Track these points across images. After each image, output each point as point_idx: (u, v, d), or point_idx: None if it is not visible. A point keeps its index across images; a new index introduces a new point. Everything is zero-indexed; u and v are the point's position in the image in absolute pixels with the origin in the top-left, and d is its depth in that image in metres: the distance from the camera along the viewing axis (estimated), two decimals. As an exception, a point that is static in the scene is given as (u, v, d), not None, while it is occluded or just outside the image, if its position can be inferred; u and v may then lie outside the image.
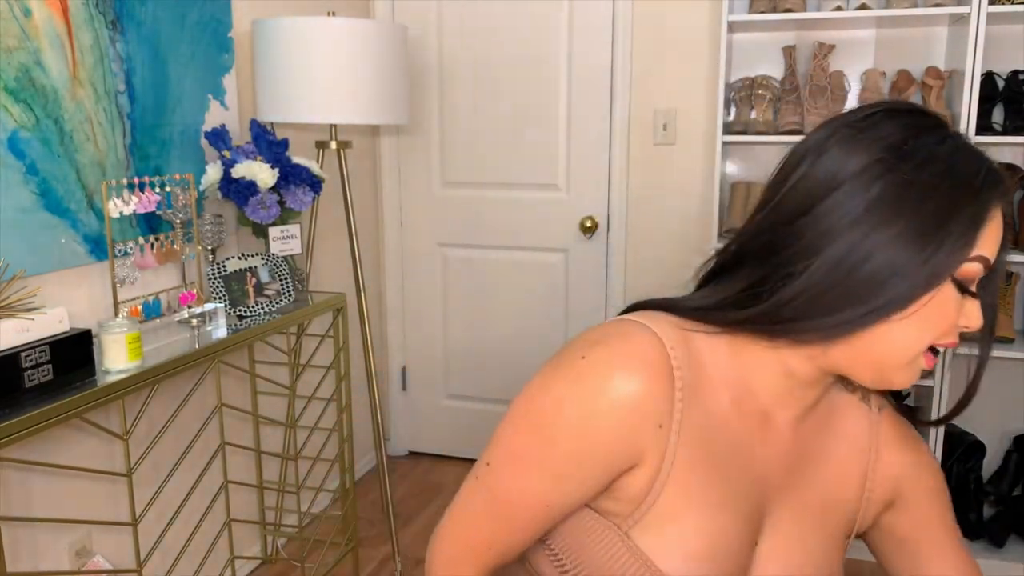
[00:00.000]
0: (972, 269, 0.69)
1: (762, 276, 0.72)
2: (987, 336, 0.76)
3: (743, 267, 0.75)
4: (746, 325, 0.74)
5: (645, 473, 0.73)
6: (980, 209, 0.67)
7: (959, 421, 2.53)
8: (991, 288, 0.74)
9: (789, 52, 2.49)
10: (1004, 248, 0.72)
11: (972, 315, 0.71)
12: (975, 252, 0.68)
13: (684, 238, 2.75)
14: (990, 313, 0.74)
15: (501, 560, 0.81)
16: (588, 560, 0.76)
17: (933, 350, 0.72)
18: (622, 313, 0.81)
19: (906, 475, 0.86)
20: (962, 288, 0.69)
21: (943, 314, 0.69)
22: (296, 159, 2.09)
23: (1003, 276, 0.75)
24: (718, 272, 0.80)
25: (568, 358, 0.73)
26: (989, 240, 0.68)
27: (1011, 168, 2.37)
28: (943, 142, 0.69)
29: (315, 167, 2.14)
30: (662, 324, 0.75)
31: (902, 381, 0.73)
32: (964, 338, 0.75)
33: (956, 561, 0.86)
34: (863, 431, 0.86)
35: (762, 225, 0.74)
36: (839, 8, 2.31)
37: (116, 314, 1.74)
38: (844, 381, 0.86)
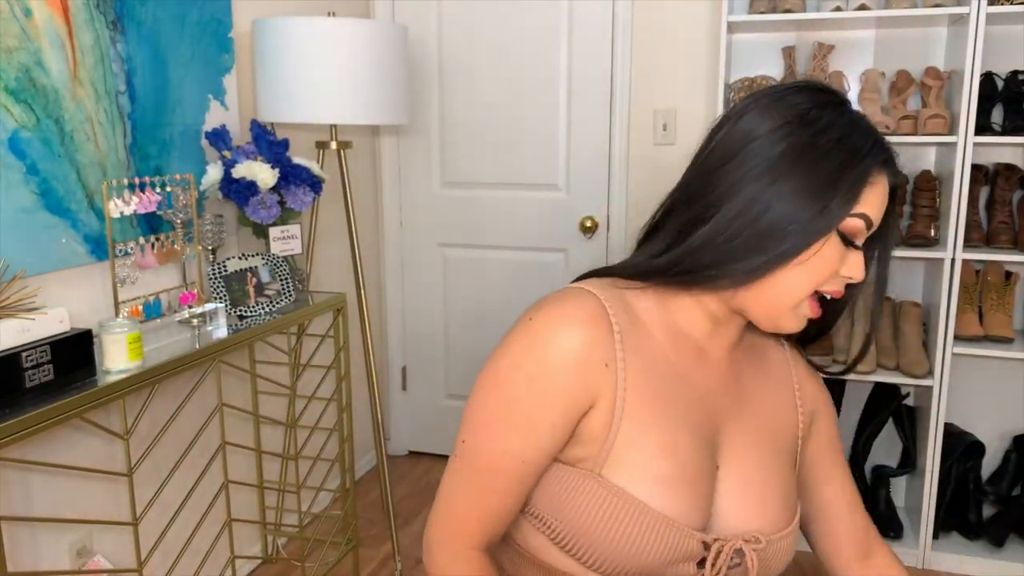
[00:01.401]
0: (855, 224, 0.79)
1: (682, 224, 0.84)
2: (878, 293, 0.89)
3: (670, 218, 0.87)
4: (666, 275, 0.84)
5: (602, 410, 0.81)
6: (863, 172, 0.78)
7: (959, 421, 2.53)
8: (883, 253, 0.87)
9: (789, 52, 2.49)
10: (890, 215, 0.84)
11: (855, 266, 0.81)
12: (858, 209, 0.79)
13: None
14: (882, 273, 0.88)
15: (493, 532, 0.85)
16: (570, 511, 0.81)
17: (819, 298, 0.83)
18: (574, 279, 0.92)
19: (818, 399, 0.99)
20: (846, 240, 0.80)
21: (827, 262, 0.79)
22: (296, 159, 2.09)
23: (895, 241, 0.88)
24: (652, 229, 0.91)
25: (518, 325, 0.84)
26: (871, 200, 0.80)
27: (1011, 168, 2.37)
28: (843, 116, 0.80)
29: (315, 167, 2.14)
30: (596, 285, 0.86)
31: (790, 325, 0.83)
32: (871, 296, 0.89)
33: (845, 479, 1.00)
34: (783, 364, 0.98)
35: (685, 178, 0.86)
36: (838, 8, 2.31)
37: (117, 314, 1.74)
38: None
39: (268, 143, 2.04)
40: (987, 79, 2.34)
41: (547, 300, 0.85)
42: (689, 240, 0.81)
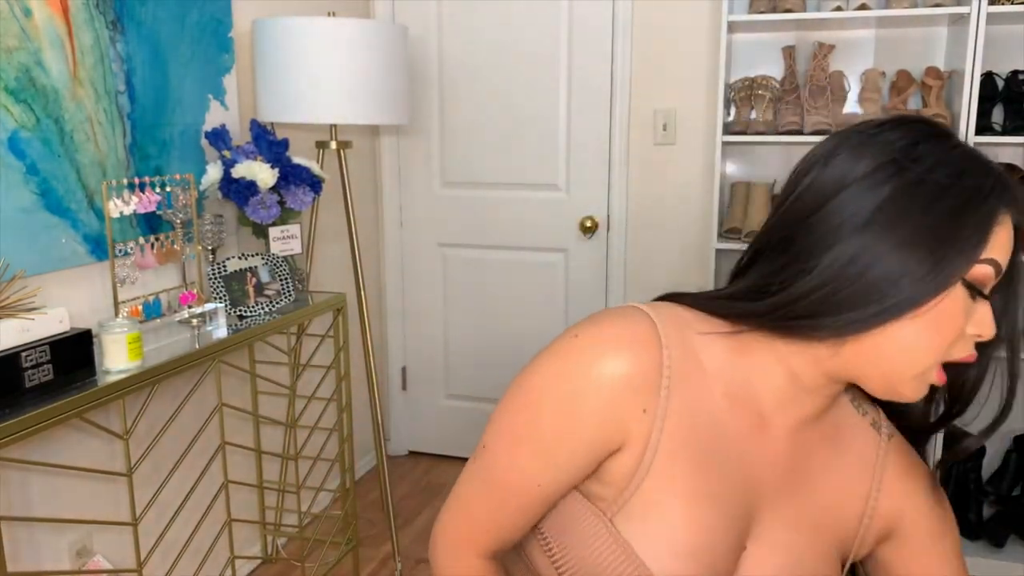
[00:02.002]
0: (983, 272, 0.68)
1: (774, 270, 0.73)
2: (1013, 344, 0.75)
3: (758, 263, 0.76)
4: (757, 319, 0.74)
5: (630, 456, 0.73)
6: (990, 211, 0.67)
7: (959, 421, 2.52)
8: (1011, 298, 0.74)
9: (789, 52, 2.49)
10: (1016, 256, 0.72)
11: (984, 322, 0.70)
12: (986, 255, 0.68)
13: (684, 238, 2.75)
14: (1014, 320, 0.74)
15: (500, 544, 0.82)
16: (573, 545, 0.77)
17: (946, 365, 0.72)
18: (653, 300, 0.83)
19: (909, 511, 0.84)
20: (973, 290, 0.69)
21: (953, 317, 0.69)
22: (296, 159, 2.09)
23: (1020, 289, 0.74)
24: (738, 272, 0.81)
25: (563, 337, 0.76)
26: (1000, 244, 0.68)
27: (1011, 168, 2.37)
28: (954, 148, 0.70)
29: (315, 167, 2.14)
30: (663, 314, 0.76)
31: (911, 392, 0.72)
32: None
33: None
34: (870, 454, 0.84)
35: (775, 224, 0.75)
36: (839, 8, 2.31)
37: (116, 314, 1.74)
38: (856, 403, 0.86)
39: (268, 143, 2.04)
40: (987, 79, 2.34)
41: (601, 318, 0.76)
42: (787, 291, 0.71)
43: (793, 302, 0.71)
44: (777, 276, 0.73)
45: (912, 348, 0.69)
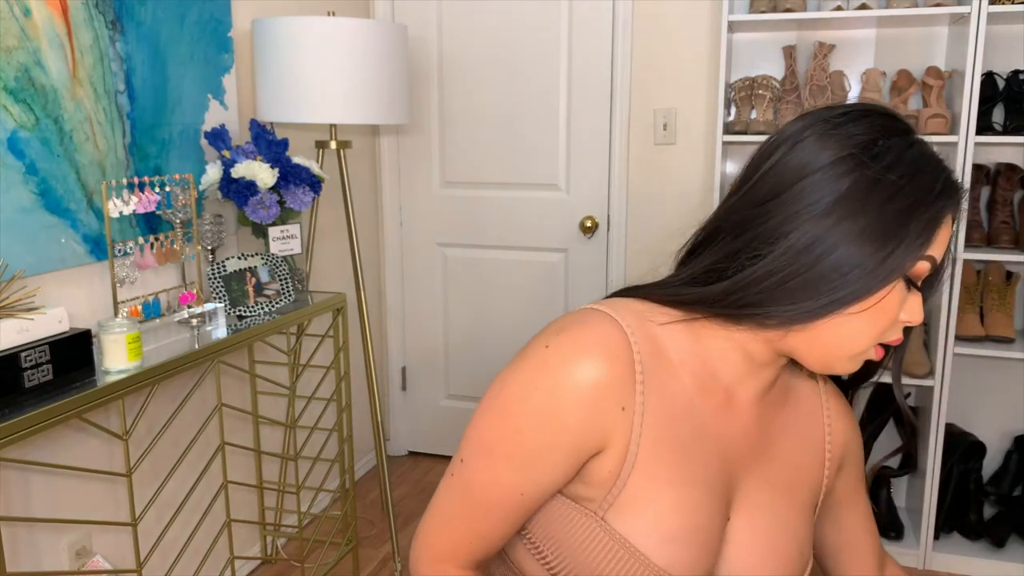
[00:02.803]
0: (922, 267, 0.73)
1: (727, 253, 0.76)
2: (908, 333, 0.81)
3: (712, 245, 0.79)
4: (709, 305, 0.77)
5: (613, 456, 0.75)
6: (937, 212, 0.72)
7: (960, 421, 2.53)
8: (934, 286, 0.81)
9: (789, 52, 2.49)
10: (948, 250, 0.78)
11: (914, 310, 0.75)
12: (928, 252, 0.72)
13: (684, 238, 2.73)
14: (927, 301, 0.80)
15: (483, 555, 0.82)
16: (568, 548, 0.78)
17: (883, 345, 0.77)
18: (607, 296, 0.85)
19: (849, 440, 0.93)
20: (909, 283, 0.74)
21: (890, 308, 0.73)
22: (296, 159, 2.09)
23: (943, 279, 0.82)
24: (692, 252, 0.83)
25: (533, 348, 0.76)
26: (940, 241, 0.73)
27: (1012, 168, 2.37)
28: (910, 147, 0.73)
29: (315, 167, 2.14)
30: (623, 311, 0.78)
31: (844, 370, 0.78)
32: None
33: (867, 511, 0.97)
34: (816, 403, 0.91)
35: (733, 206, 0.77)
36: (839, 8, 2.31)
37: (116, 314, 1.74)
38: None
39: (268, 143, 2.04)
40: (988, 79, 2.33)
41: (567, 325, 0.77)
42: (739, 275, 0.74)
43: (745, 287, 0.74)
44: (731, 260, 0.75)
45: (852, 335, 0.74)
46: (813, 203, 0.71)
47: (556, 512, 0.79)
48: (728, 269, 0.75)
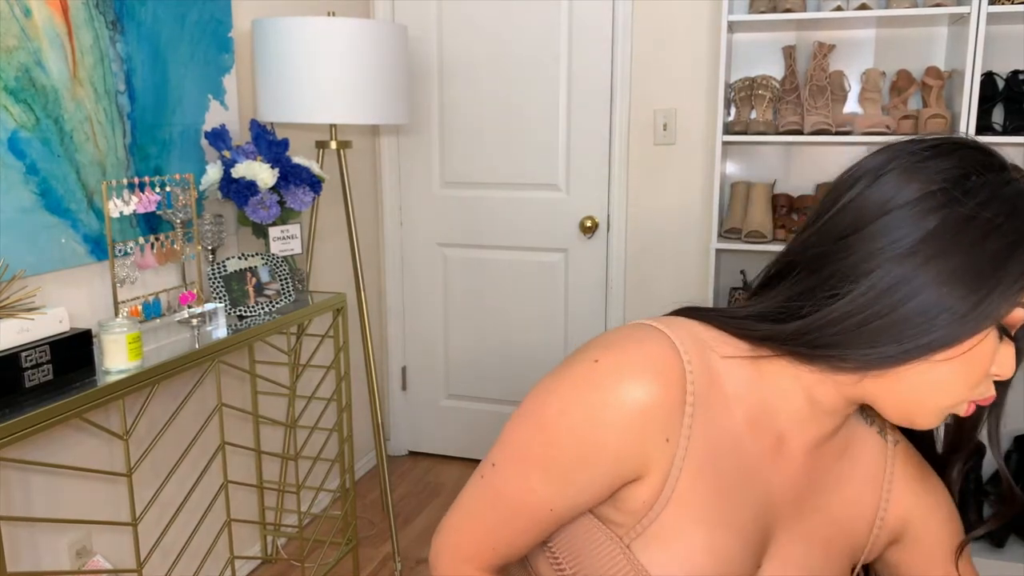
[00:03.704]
0: (1019, 315, 0.67)
1: (803, 289, 0.71)
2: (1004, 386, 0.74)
3: (787, 279, 0.73)
4: (781, 343, 0.72)
5: (649, 486, 0.72)
6: None
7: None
8: None
9: (789, 52, 2.49)
10: None
11: (1006, 362, 0.69)
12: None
13: (684, 238, 2.75)
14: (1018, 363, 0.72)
15: (505, 560, 0.81)
16: (587, 566, 0.75)
17: (972, 406, 0.71)
18: (666, 315, 0.80)
19: (918, 513, 0.84)
20: (1003, 332, 0.68)
21: (981, 359, 0.67)
22: (296, 159, 2.09)
23: None
24: (765, 284, 0.77)
25: (581, 359, 0.72)
26: None
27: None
28: (1008, 184, 0.67)
29: (315, 167, 2.14)
30: (682, 334, 0.73)
31: (927, 423, 0.72)
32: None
33: None
34: (878, 463, 0.84)
35: (810, 240, 0.72)
36: (839, 8, 2.31)
37: (116, 314, 1.74)
38: (863, 412, 0.86)
39: (268, 143, 2.04)
40: (988, 79, 2.33)
41: (619, 340, 0.72)
42: (816, 314, 0.68)
43: (821, 328, 0.68)
44: (807, 298, 0.70)
45: (937, 385, 0.68)
46: (897, 240, 0.65)
47: (582, 529, 0.76)
48: (804, 307, 0.70)
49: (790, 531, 0.79)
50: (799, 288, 0.71)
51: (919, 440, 0.90)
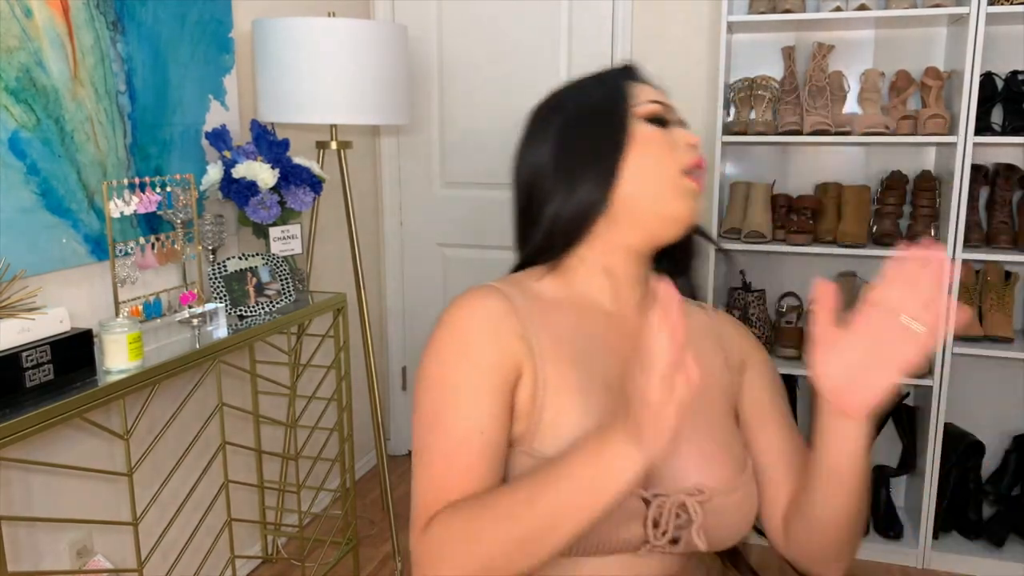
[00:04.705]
0: (649, 109, 0.90)
1: (532, 229, 0.97)
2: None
3: (522, 224, 1.01)
4: (546, 252, 0.94)
5: (527, 383, 0.85)
6: (616, 81, 0.94)
7: (959, 421, 2.53)
8: (677, 123, 0.94)
9: (788, 52, 2.49)
10: (668, 96, 0.94)
11: (681, 136, 0.90)
12: (638, 101, 0.90)
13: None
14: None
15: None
16: None
17: (689, 172, 0.89)
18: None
19: (744, 347, 1.01)
20: (656, 122, 0.90)
21: (658, 143, 0.88)
22: (297, 159, 2.09)
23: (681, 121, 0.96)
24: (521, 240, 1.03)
25: (434, 329, 0.90)
26: (644, 93, 0.91)
27: (1011, 168, 2.37)
28: (580, 81, 0.97)
29: (315, 167, 2.14)
30: (497, 280, 0.94)
31: (682, 207, 0.89)
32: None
33: (782, 426, 0.97)
34: (706, 324, 1.00)
35: (517, 184, 1.02)
36: (838, 8, 2.31)
37: (117, 314, 1.74)
38: (684, 304, 1.00)
39: (268, 143, 2.04)
40: (987, 79, 2.34)
41: (452, 300, 0.92)
42: (549, 217, 0.92)
43: (549, 228, 0.92)
44: (538, 226, 0.95)
45: (649, 175, 0.88)
46: (541, 166, 0.94)
47: (509, 464, 0.86)
48: (540, 232, 0.94)
49: None
50: (530, 232, 0.97)
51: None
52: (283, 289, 2.04)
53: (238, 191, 1.97)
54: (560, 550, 0.76)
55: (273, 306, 2.00)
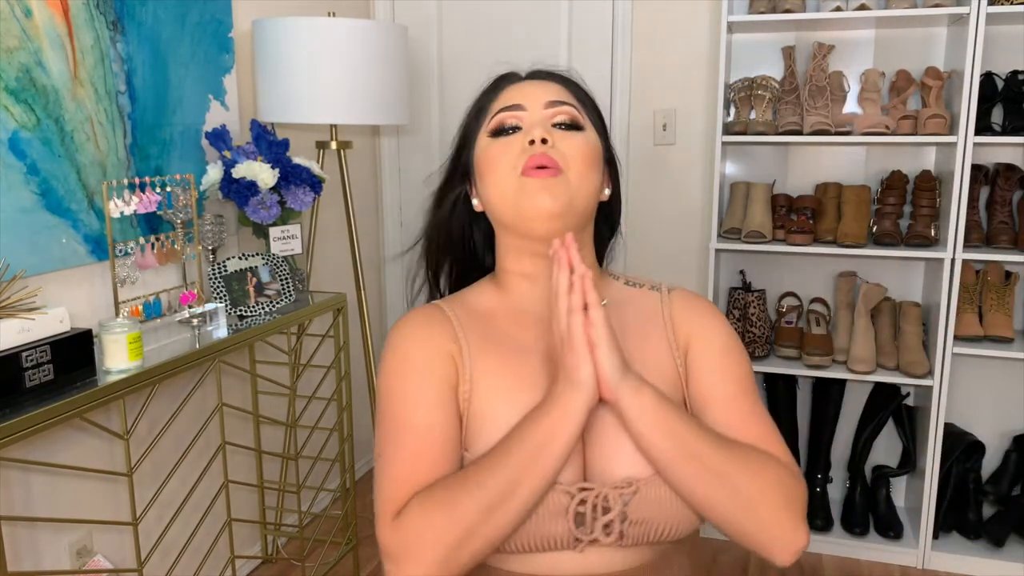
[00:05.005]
0: (495, 122, 1.02)
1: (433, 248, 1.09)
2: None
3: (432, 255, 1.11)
4: (432, 268, 1.08)
5: (463, 384, 0.92)
6: (495, 87, 1.11)
7: (959, 421, 2.53)
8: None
9: (788, 52, 2.49)
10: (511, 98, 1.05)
11: (518, 140, 0.96)
12: (492, 113, 1.03)
13: (684, 238, 2.75)
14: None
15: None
16: None
17: (530, 170, 0.92)
18: None
19: (690, 327, 0.98)
20: (501, 132, 1.00)
21: (495, 157, 0.96)
22: (296, 159, 2.09)
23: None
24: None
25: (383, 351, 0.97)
26: (503, 99, 1.06)
27: (1011, 168, 2.37)
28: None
29: (315, 167, 2.14)
30: (438, 299, 1.04)
31: (536, 205, 0.91)
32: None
33: (727, 392, 0.94)
34: (654, 308, 1.00)
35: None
36: (838, 8, 2.31)
37: (117, 314, 1.74)
38: (629, 282, 1.04)
39: (268, 143, 2.04)
40: (987, 79, 2.34)
41: (399, 319, 0.99)
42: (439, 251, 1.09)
43: (426, 235, 1.09)
44: (442, 252, 1.09)
45: (493, 184, 0.95)
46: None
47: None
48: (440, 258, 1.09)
49: None
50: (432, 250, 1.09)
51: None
52: (283, 289, 2.04)
53: (238, 191, 1.97)
54: (523, 516, 0.82)
55: (273, 306, 2.00)
